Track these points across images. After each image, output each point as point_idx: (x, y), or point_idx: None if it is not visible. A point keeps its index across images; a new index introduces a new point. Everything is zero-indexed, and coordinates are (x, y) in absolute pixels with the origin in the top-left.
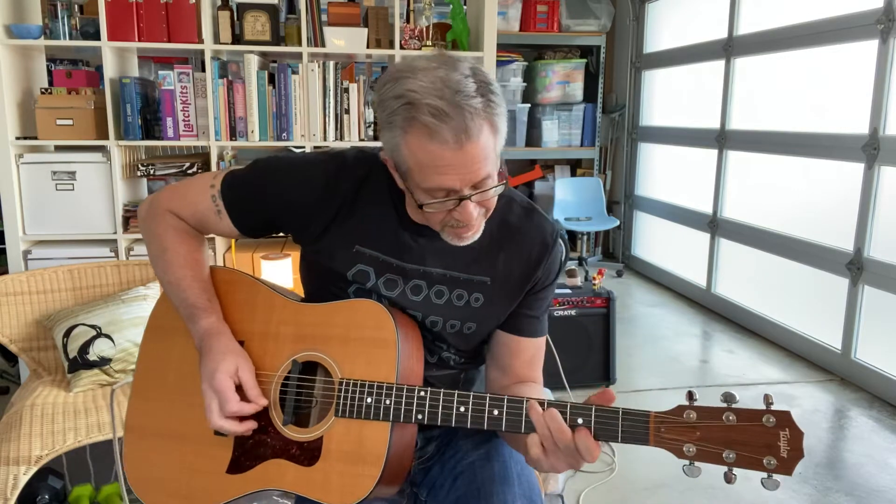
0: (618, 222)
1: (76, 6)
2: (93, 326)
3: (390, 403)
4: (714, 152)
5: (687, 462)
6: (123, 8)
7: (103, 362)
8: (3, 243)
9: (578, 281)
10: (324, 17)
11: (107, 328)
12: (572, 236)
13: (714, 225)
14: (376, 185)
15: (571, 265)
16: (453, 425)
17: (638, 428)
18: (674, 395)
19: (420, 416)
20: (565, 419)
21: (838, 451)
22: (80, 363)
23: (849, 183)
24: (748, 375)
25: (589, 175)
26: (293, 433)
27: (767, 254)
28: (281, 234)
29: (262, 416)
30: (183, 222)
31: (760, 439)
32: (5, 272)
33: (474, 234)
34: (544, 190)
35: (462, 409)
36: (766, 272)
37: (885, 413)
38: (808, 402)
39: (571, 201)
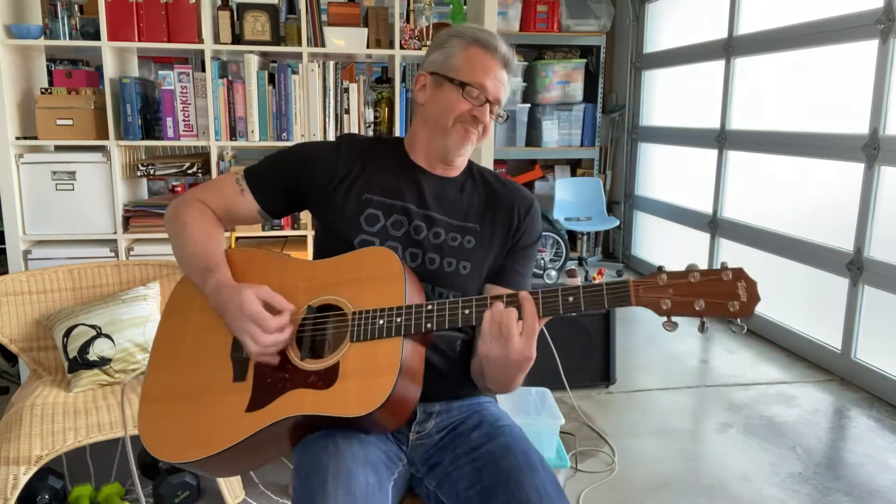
0: (618, 222)
1: (76, 6)
2: (93, 326)
3: (401, 320)
4: (714, 152)
5: (665, 318)
6: (123, 8)
7: (103, 362)
8: (3, 243)
9: (578, 281)
10: (324, 17)
11: (107, 328)
12: (572, 236)
13: (714, 225)
14: (384, 146)
15: (571, 265)
16: (460, 325)
17: (620, 292)
18: (674, 395)
19: (429, 325)
20: (558, 299)
21: (838, 451)
22: (80, 363)
23: (849, 183)
24: (748, 375)
25: (589, 175)
26: (311, 365)
27: (767, 254)
28: (286, 235)
29: (280, 357)
30: (208, 208)
31: (723, 289)
32: (5, 272)
33: (469, 144)
34: (544, 190)
35: (466, 311)
36: (766, 272)
37: (885, 413)
38: (808, 402)
39: (571, 201)
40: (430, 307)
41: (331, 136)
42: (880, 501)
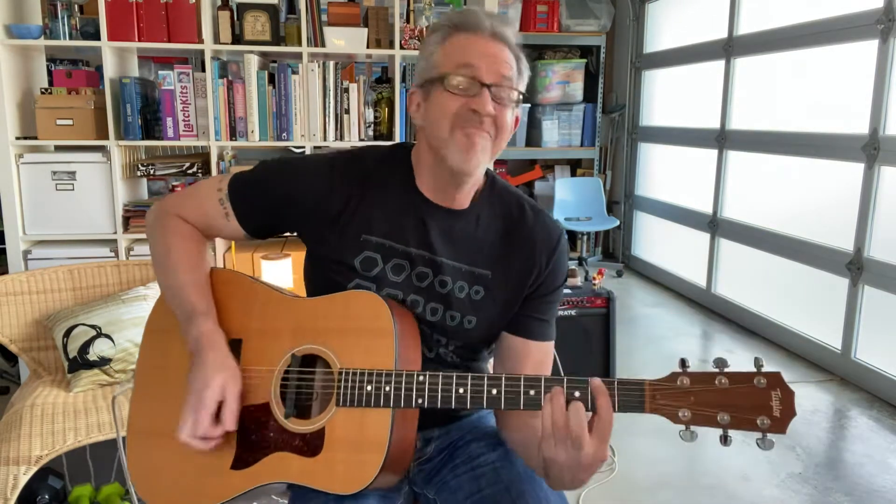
0: (618, 222)
1: (76, 6)
2: (93, 326)
3: (390, 389)
4: (714, 152)
5: (683, 427)
6: (123, 8)
7: (103, 362)
8: (3, 243)
9: (578, 281)
10: (324, 17)
11: (107, 328)
12: (572, 236)
13: (714, 225)
14: (387, 168)
15: (571, 265)
16: (453, 406)
17: (633, 396)
18: None
19: (420, 401)
20: (562, 390)
21: (838, 451)
22: (80, 363)
23: (849, 183)
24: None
25: (589, 175)
26: (295, 426)
27: (767, 254)
28: (285, 235)
29: (263, 410)
30: (189, 225)
31: (753, 400)
32: (5, 272)
33: (482, 155)
34: (544, 190)
35: (461, 390)
36: (766, 272)
37: (885, 413)
38: (808, 402)
39: (571, 201)
40: (421, 378)
41: (331, 137)
42: (880, 501)
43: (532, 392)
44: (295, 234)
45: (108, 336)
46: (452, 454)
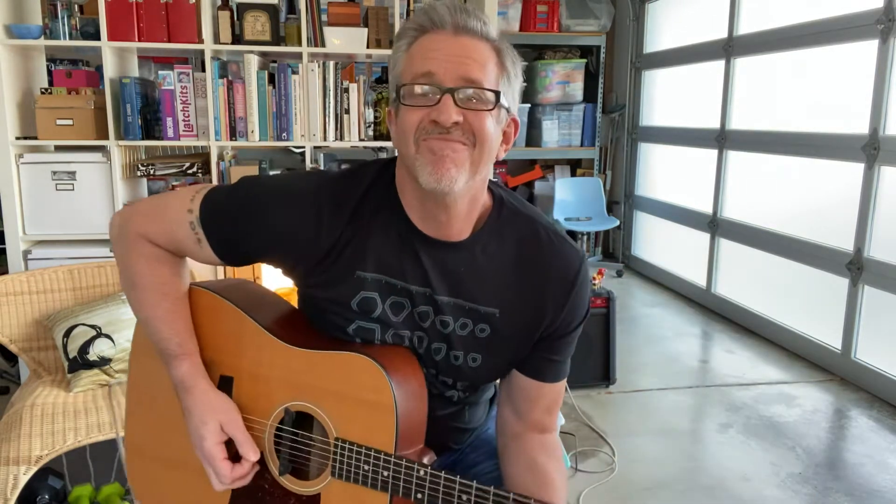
0: (618, 222)
1: (76, 6)
2: (93, 326)
3: (388, 476)
4: (714, 152)
5: None
6: (123, 8)
7: (103, 362)
8: (3, 243)
9: None
10: (324, 17)
11: (107, 328)
12: (572, 236)
13: (714, 225)
14: (375, 196)
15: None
16: None
17: None
18: (674, 395)
19: (420, 496)
20: None
21: (838, 451)
22: (80, 363)
23: (849, 183)
24: (748, 375)
25: (589, 175)
26: (290, 484)
27: (767, 254)
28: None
29: (258, 462)
30: (157, 249)
31: None
32: (5, 272)
33: (456, 170)
34: (544, 190)
35: (465, 497)
36: (766, 272)
37: (885, 413)
38: (808, 402)
39: (571, 201)
40: (422, 474)
41: (331, 137)
42: (880, 501)
43: None
44: (279, 270)
45: (108, 336)
46: (449, 465)
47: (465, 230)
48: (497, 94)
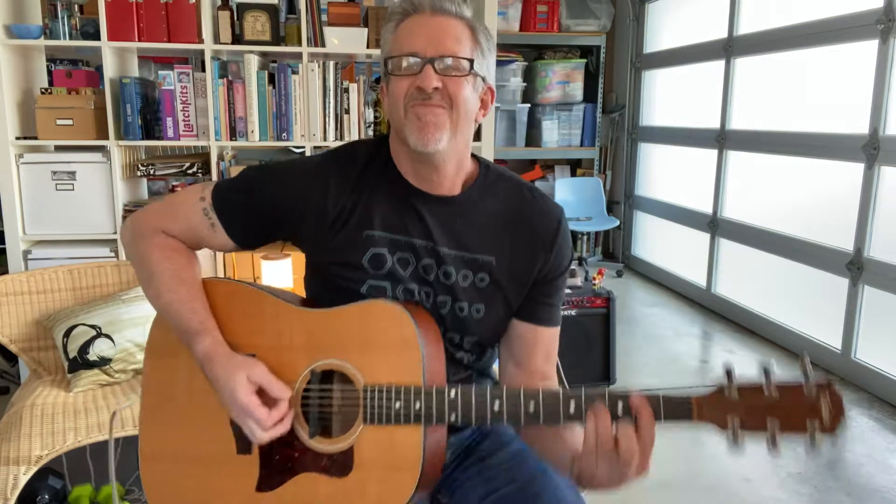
0: (618, 222)
1: (76, 6)
2: (93, 326)
3: (420, 407)
4: (714, 152)
5: (730, 432)
6: (123, 8)
7: (103, 362)
8: (3, 243)
9: (578, 281)
10: (324, 17)
11: (107, 328)
12: (572, 236)
13: (714, 225)
14: (374, 165)
15: (571, 265)
16: (489, 424)
17: (680, 410)
18: None
19: (453, 417)
20: (605, 405)
21: (838, 451)
22: (80, 363)
23: (849, 183)
24: (748, 375)
25: (589, 175)
26: (321, 445)
27: (767, 254)
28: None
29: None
30: (172, 239)
31: (804, 407)
32: (5, 272)
33: (438, 132)
34: (544, 190)
35: (496, 406)
36: (766, 272)
37: (886, 413)
38: None
39: (571, 201)
40: (453, 394)
41: (331, 137)
42: (880, 501)
43: (572, 408)
44: (290, 242)
45: (108, 336)
46: (461, 454)
47: (455, 188)
48: (471, 61)
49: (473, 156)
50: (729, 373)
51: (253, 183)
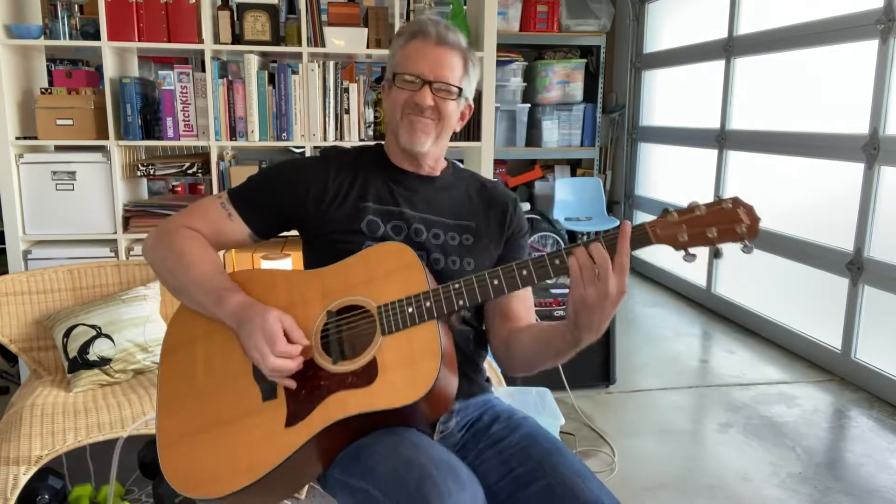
0: (618, 222)
1: (76, 6)
2: (93, 326)
3: (430, 304)
4: (714, 152)
5: (683, 251)
6: (123, 8)
7: (103, 362)
8: (3, 243)
9: None
10: (324, 17)
11: (107, 328)
12: (572, 236)
13: None
14: (367, 154)
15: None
16: (492, 297)
17: (640, 235)
18: (674, 395)
19: (461, 302)
20: (581, 246)
21: (838, 451)
22: (80, 363)
23: (849, 183)
24: (748, 375)
25: (589, 175)
26: (345, 367)
27: (767, 254)
28: (284, 235)
29: (309, 366)
30: (196, 232)
31: (728, 217)
32: (5, 272)
33: (425, 137)
34: (544, 190)
35: (495, 281)
36: (766, 272)
37: (885, 413)
38: (808, 402)
39: (571, 201)
40: (457, 285)
41: (331, 137)
42: (880, 501)
43: (557, 260)
44: (296, 228)
45: (108, 336)
46: (475, 436)
47: (436, 170)
48: (460, 89)
49: (446, 159)
50: (665, 209)
51: (264, 177)
